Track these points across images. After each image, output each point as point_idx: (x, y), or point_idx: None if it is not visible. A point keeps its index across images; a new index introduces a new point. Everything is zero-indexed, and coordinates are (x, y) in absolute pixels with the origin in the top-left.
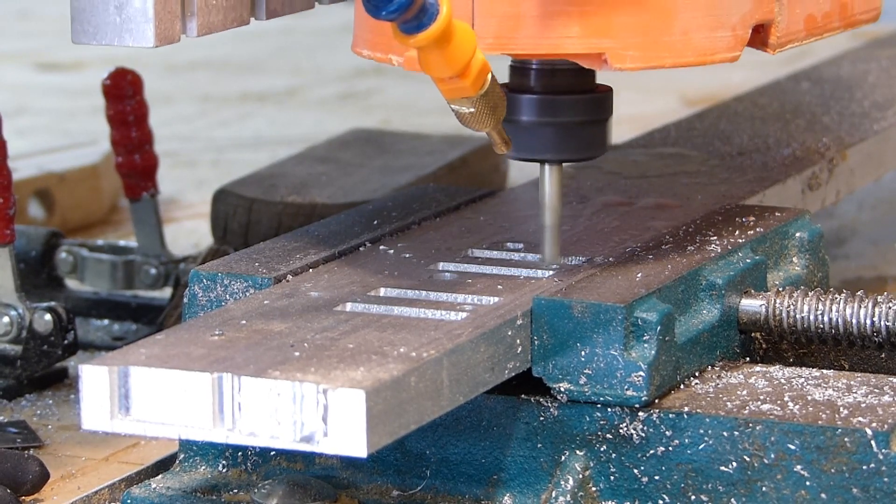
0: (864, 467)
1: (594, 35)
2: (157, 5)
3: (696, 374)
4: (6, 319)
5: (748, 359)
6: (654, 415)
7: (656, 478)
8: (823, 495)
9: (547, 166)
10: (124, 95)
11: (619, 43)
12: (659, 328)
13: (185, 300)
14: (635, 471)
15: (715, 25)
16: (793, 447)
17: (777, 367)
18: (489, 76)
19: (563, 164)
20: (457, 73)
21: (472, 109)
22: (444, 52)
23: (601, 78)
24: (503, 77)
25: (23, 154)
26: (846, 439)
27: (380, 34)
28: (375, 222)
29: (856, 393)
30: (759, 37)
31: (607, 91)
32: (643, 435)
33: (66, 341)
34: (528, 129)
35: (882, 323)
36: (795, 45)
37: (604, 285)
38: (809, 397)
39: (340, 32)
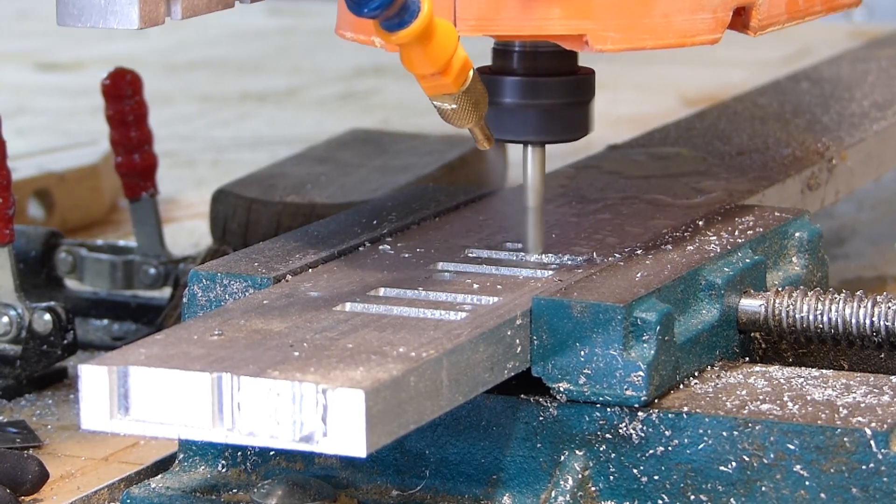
0: (864, 467)
1: (575, 17)
2: None
3: (696, 373)
4: (6, 319)
5: (747, 359)
6: (654, 415)
7: (656, 478)
8: (823, 495)
9: (530, 148)
10: (123, 95)
11: (599, 24)
12: (658, 328)
13: (185, 300)
14: (635, 471)
15: (695, 8)
16: (792, 447)
17: (776, 366)
18: (471, 73)
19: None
20: (438, 70)
21: (454, 106)
22: (425, 49)
23: (598, 67)
24: (486, 59)
25: (23, 154)
26: (845, 439)
27: None
28: (375, 222)
29: (855, 393)
30: (741, 19)
31: (589, 73)
32: (642, 435)
33: (65, 341)
34: (510, 111)
35: (881, 323)
36: (777, 28)
37: (603, 285)
38: (809, 397)
39: None
